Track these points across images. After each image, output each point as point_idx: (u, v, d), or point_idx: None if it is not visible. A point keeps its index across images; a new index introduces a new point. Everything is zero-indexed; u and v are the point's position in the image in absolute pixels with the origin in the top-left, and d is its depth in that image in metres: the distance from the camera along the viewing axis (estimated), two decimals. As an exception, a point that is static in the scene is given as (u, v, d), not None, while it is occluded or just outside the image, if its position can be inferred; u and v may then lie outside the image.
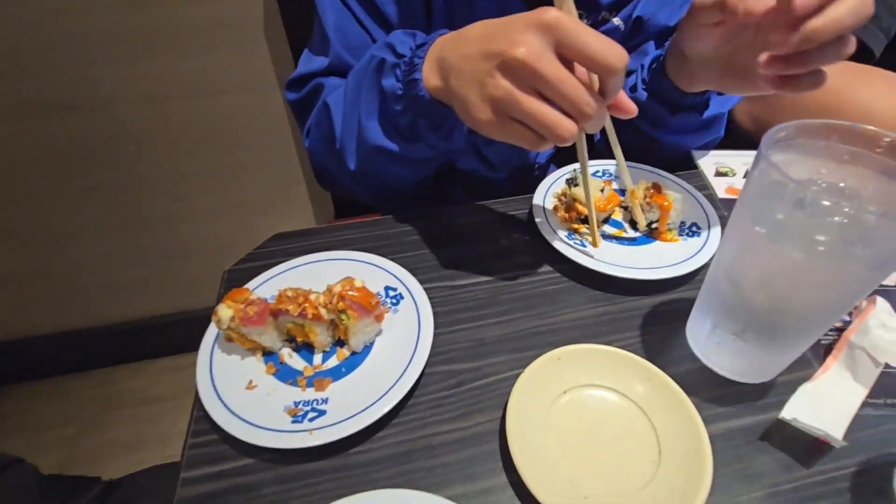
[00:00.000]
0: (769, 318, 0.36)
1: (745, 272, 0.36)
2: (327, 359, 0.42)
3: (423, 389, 0.42)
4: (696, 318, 0.43)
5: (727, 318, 0.39)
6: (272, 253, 0.54)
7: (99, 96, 1.01)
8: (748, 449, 0.37)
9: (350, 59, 0.58)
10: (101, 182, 1.13)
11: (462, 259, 0.53)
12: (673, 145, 0.62)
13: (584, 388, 0.40)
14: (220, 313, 0.39)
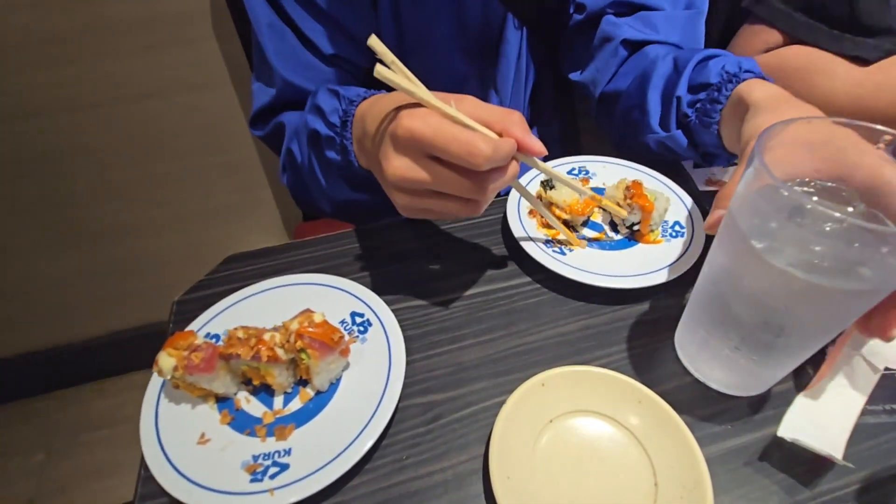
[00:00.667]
0: (763, 336, 0.33)
1: (736, 287, 0.33)
2: (289, 401, 0.38)
3: (399, 426, 0.38)
4: (685, 331, 0.41)
5: (719, 333, 0.36)
6: (224, 279, 0.49)
7: (31, 104, 0.92)
8: (747, 472, 0.35)
9: (298, 81, 0.54)
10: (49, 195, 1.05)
11: (434, 275, 0.49)
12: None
13: (571, 416, 0.37)
14: (160, 363, 0.35)
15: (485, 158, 0.32)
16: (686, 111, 0.49)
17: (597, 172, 0.56)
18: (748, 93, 0.42)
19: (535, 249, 0.47)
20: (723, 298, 0.34)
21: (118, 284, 1.25)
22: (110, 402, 1.40)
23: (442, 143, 0.32)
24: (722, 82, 0.46)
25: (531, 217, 0.51)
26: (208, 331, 0.42)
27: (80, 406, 1.38)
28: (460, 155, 0.32)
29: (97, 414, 1.38)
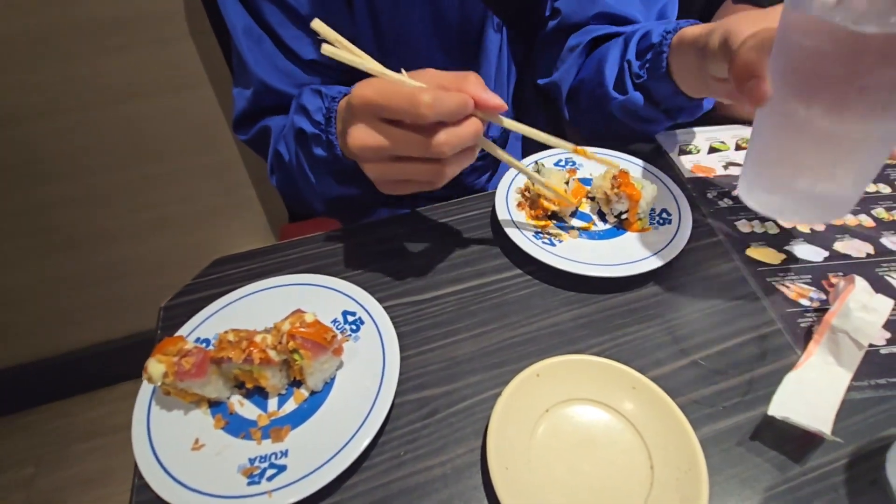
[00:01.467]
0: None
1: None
2: (283, 403, 0.38)
3: (395, 423, 0.38)
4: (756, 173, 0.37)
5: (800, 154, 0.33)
6: (212, 282, 0.48)
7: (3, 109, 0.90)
8: (740, 451, 0.35)
9: (277, 85, 0.54)
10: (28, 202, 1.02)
11: (424, 270, 0.49)
12: (652, 132, 0.59)
13: (567, 405, 0.37)
14: (149, 370, 0.34)
15: (426, 106, 0.32)
16: (637, 72, 0.51)
17: (583, 163, 0.56)
18: (690, 30, 0.45)
19: (525, 241, 0.47)
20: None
21: (104, 292, 1.23)
22: (100, 412, 1.37)
23: (386, 100, 0.33)
24: (663, 39, 0.48)
25: (520, 209, 0.51)
26: (198, 335, 0.41)
27: (69, 418, 1.36)
28: (402, 107, 0.32)
29: (87, 425, 1.35)
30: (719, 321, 0.43)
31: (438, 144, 0.34)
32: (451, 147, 0.34)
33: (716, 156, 0.59)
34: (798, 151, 0.34)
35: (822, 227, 0.50)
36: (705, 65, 0.43)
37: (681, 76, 0.48)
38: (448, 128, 0.34)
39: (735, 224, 0.51)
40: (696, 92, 0.48)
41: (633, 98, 0.53)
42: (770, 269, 0.46)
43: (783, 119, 0.33)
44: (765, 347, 0.41)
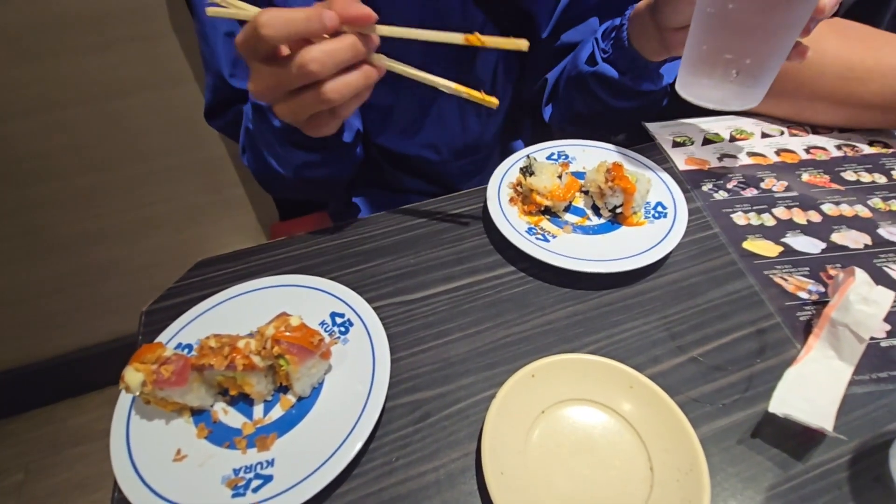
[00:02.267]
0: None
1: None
2: (270, 409, 0.36)
3: (386, 427, 0.37)
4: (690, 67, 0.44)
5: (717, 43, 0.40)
6: (195, 285, 0.47)
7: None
8: (741, 449, 0.35)
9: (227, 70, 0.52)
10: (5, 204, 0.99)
11: (414, 268, 0.48)
12: (630, 112, 0.59)
13: (563, 405, 0.36)
14: (127, 379, 0.32)
15: (262, 26, 0.31)
16: (604, 48, 0.54)
17: (576, 157, 0.55)
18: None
19: (518, 237, 0.46)
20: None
21: (87, 296, 1.20)
22: (87, 417, 1.36)
23: (243, 37, 0.33)
24: (624, 17, 0.52)
25: (512, 205, 0.50)
26: (179, 341, 0.40)
27: (58, 423, 1.34)
28: (249, 35, 0.32)
29: (75, 430, 1.33)
30: (717, 316, 0.42)
31: (302, 63, 0.32)
32: (319, 63, 0.32)
33: (710, 147, 0.58)
34: (721, 42, 0.41)
35: (819, 218, 0.49)
36: (659, 20, 0.46)
37: (640, 43, 0.50)
38: (310, 45, 0.33)
39: (731, 216, 0.50)
40: (656, 55, 0.50)
41: (602, 68, 0.54)
42: (767, 261, 0.45)
43: (710, 16, 0.40)
44: (764, 342, 0.40)
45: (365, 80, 0.35)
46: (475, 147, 0.65)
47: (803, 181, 0.53)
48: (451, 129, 0.62)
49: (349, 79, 0.34)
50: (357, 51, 0.34)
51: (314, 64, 0.32)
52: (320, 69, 0.33)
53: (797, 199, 0.51)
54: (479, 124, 0.64)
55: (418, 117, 0.60)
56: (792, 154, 0.56)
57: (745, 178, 0.54)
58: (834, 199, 0.51)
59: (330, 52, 0.33)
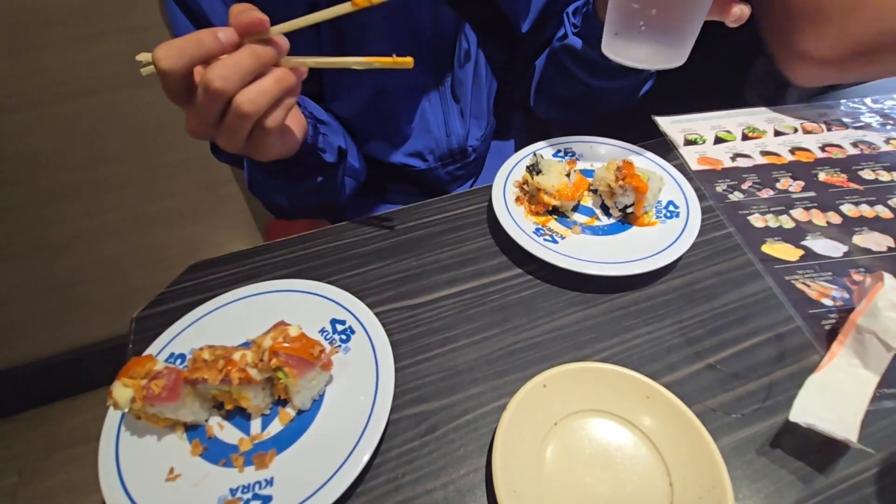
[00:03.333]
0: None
1: None
2: (268, 424, 0.34)
3: (391, 441, 0.35)
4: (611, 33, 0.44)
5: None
6: (188, 290, 0.44)
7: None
8: (762, 462, 0.33)
9: None
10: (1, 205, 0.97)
11: (417, 271, 0.46)
12: (612, 92, 0.57)
13: (577, 417, 0.35)
14: (115, 395, 0.30)
15: (159, 59, 0.31)
16: (574, 22, 0.55)
17: (583, 154, 0.53)
18: None
19: (525, 238, 0.44)
20: None
21: (80, 295, 1.18)
22: (82, 418, 1.34)
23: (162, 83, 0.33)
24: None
25: (518, 204, 0.48)
26: (172, 350, 0.38)
27: (50, 425, 1.32)
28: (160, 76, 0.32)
29: (69, 432, 1.31)
30: (734, 320, 0.41)
31: (205, 84, 0.31)
32: (221, 78, 0.31)
33: (722, 147, 0.56)
34: (643, 3, 0.41)
35: (839, 219, 0.47)
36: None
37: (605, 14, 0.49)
38: (213, 63, 0.32)
39: (748, 218, 0.48)
40: None
41: (571, 41, 0.54)
42: (788, 266, 0.44)
43: None
44: (783, 348, 0.39)
45: (278, 83, 0.34)
46: (461, 151, 0.63)
47: (820, 181, 0.51)
48: (434, 135, 0.60)
49: (260, 86, 0.33)
50: (259, 57, 0.32)
51: (217, 81, 0.31)
52: (224, 84, 0.31)
53: (815, 199, 0.49)
54: (463, 127, 0.61)
55: (400, 126, 0.58)
56: (807, 152, 0.55)
57: (761, 179, 0.52)
58: (853, 200, 0.49)
59: (230, 64, 0.31)
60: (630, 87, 0.57)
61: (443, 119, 0.60)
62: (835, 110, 0.60)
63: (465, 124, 0.61)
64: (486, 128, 0.65)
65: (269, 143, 0.37)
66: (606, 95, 0.58)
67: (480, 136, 0.64)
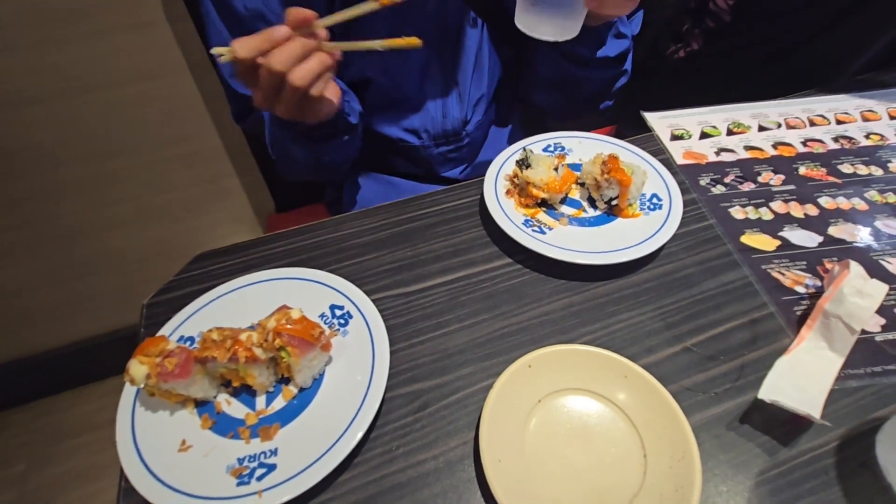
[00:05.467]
0: None
1: None
2: (272, 400, 0.37)
3: (386, 417, 0.38)
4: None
5: None
6: (195, 278, 0.47)
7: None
8: (731, 436, 0.36)
9: None
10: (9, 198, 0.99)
11: (412, 260, 0.48)
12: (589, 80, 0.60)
13: (559, 395, 0.37)
14: (131, 371, 0.33)
15: (237, 50, 0.40)
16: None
17: (573, 148, 0.55)
18: None
19: (515, 230, 0.46)
20: None
21: (85, 288, 1.20)
22: (88, 408, 1.35)
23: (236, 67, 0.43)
24: None
25: (509, 197, 0.50)
26: (182, 334, 0.40)
27: (58, 414, 1.34)
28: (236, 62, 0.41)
29: (76, 421, 1.33)
30: (711, 306, 0.43)
31: (267, 66, 0.41)
32: (278, 61, 0.41)
33: (707, 142, 0.58)
34: None
35: (817, 211, 0.49)
36: None
37: None
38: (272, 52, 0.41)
39: (728, 210, 0.50)
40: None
41: None
42: (765, 255, 0.46)
43: None
44: (756, 332, 0.41)
45: (319, 63, 0.43)
46: (455, 134, 0.65)
47: (800, 174, 0.54)
48: (431, 115, 0.63)
49: (306, 65, 0.42)
50: (305, 44, 0.41)
51: (275, 63, 0.41)
52: (280, 65, 0.41)
53: (794, 192, 0.52)
54: (459, 111, 0.64)
55: (399, 101, 0.62)
56: (789, 147, 0.57)
57: (743, 173, 0.54)
58: (831, 193, 0.51)
59: (283, 51, 0.41)
60: (604, 79, 0.61)
61: (440, 100, 0.62)
62: (819, 105, 0.62)
63: (463, 108, 0.63)
64: (484, 115, 0.67)
65: (314, 108, 0.46)
66: (584, 83, 0.61)
67: (477, 122, 0.66)
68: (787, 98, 0.64)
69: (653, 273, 0.46)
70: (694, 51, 0.78)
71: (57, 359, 1.29)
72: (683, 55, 0.80)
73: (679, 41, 0.80)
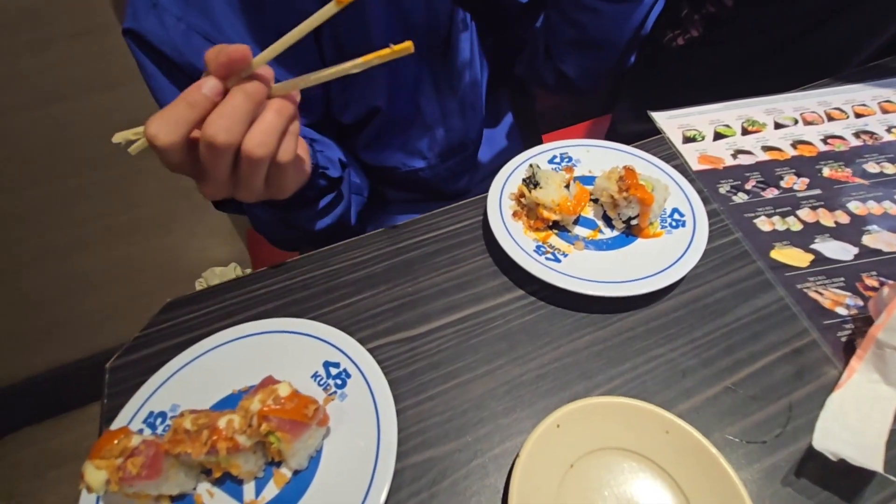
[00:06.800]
0: None
1: None
2: (263, 488, 0.32)
3: (397, 495, 0.33)
4: None
5: None
6: (165, 332, 0.41)
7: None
8: (788, 492, 0.32)
9: None
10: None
11: (412, 298, 0.43)
12: (623, 18, 0.53)
13: (594, 456, 0.33)
14: (87, 479, 0.27)
15: (154, 136, 0.29)
16: None
17: (581, 159, 0.50)
18: None
19: (526, 259, 0.41)
20: None
21: (52, 314, 1.13)
22: (69, 436, 1.30)
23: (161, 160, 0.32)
24: None
25: (516, 219, 0.45)
26: (151, 409, 0.34)
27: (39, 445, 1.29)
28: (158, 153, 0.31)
29: (57, 450, 1.28)
30: (748, 336, 0.39)
31: (209, 142, 0.30)
32: (224, 130, 0.30)
33: (722, 143, 0.53)
34: None
35: (847, 219, 0.46)
36: None
37: None
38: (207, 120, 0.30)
39: (754, 222, 0.46)
40: None
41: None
42: (799, 273, 0.42)
43: None
44: (801, 364, 0.37)
45: (279, 116, 0.32)
46: (462, 145, 0.61)
47: (825, 176, 0.49)
48: (435, 133, 0.58)
49: (262, 125, 0.31)
50: (252, 96, 0.30)
51: (220, 135, 0.29)
52: (227, 136, 0.30)
53: (821, 197, 0.48)
54: (461, 120, 0.59)
55: (404, 127, 0.56)
56: (809, 146, 0.53)
57: (764, 177, 0.50)
58: (860, 196, 0.47)
59: (226, 114, 0.30)
60: (644, 7, 0.53)
61: (440, 113, 0.57)
62: (835, 97, 0.58)
63: (464, 117, 0.58)
64: (482, 118, 0.62)
65: (287, 178, 0.36)
66: (618, 23, 0.53)
67: (477, 128, 0.61)
68: (799, 90, 0.60)
69: (680, 300, 0.41)
70: (693, 38, 0.73)
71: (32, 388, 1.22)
72: (682, 42, 0.75)
73: (677, 28, 0.75)
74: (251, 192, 0.34)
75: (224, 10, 0.41)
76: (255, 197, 0.36)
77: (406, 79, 0.52)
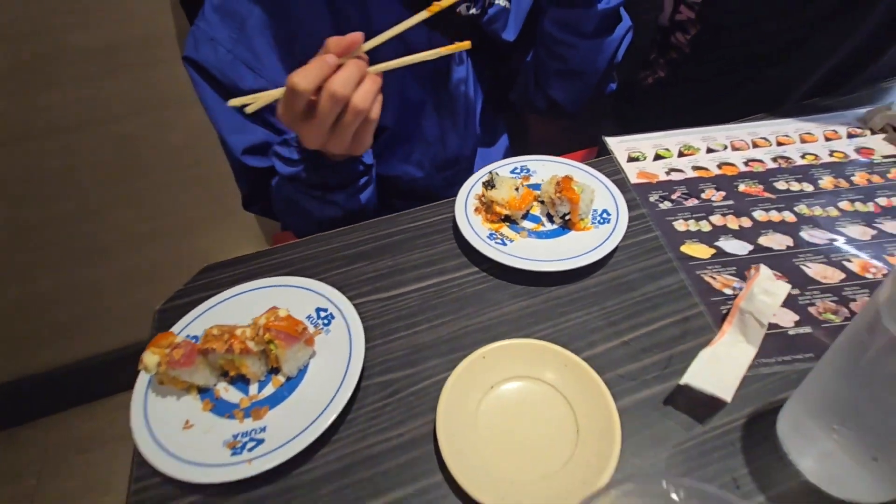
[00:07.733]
0: None
1: None
2: (263, 388, 0.43)
3: (361, 402, 0.44)
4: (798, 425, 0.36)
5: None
6: (202, 286, 0.54)
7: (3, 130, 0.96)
8: (654, 415, 0.41)
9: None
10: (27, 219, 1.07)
11: (391, 269, 0.55)
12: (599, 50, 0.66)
13: (509, 381, 0.43)
14: (145, 360, 0.40)
15: (297, 83, 0.42)
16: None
17: (536, 170, 0.62)
18: None
19: (480, 242, 0.53)
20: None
21: (99, 304, 1.26)
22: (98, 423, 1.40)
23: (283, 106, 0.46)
24: None
25: (477, 214, 0.57)
26: (188, 333, 0.47)
27: (69, 430, 1.39)
28: (288, 99, 0.44)
29: (86, 436, 1.38)
30: (649, 307, 0.49)
31: (331, 91, 0.43)
32: (342, 85, 0.42)
33: (660, 163, 0.65)
34: None
35: (750, 223, 0.56)
36: None
37: None
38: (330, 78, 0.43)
39: (672, 223, 0.56)
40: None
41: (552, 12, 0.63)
42: (700, 262, 0.52)
43: None
44: (686, 328, 0.47)
45: (374, 84, 0.45)
46: (455, 160, 0.73)
47: (740, 191, 0.60)
48: (433, 146, 0.70)
49: (366, 87, 0.44)
50: (360, 66, 0.44)
51: (340, 88, 0.42)
52: (345, 89, 0.43)
53: (732, 207, 0.58)
54: (457, 139, 0.71)
55: (409, 139, 0.69)
56: (732, 167, 0.63)
57: (689, 190, 0.60)
58: (765, 207, 0.57)
59: (345, 76, 0.43)
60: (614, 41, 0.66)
61: (439, 132, 0.69)
62: (763, 129, 0.69)
63: (459, 136, 0.71)
64: (474, 136, 0.74)
65: (369, 134, 0.48)
66: (594, 54, 0.67)
67: (472, 145, 0.74)
68: (737, 122, 0.71)
69: (600, 279, 0.52)
70: (661, 78, 0.86)
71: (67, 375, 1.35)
72: (652, 81, 0.87)
73: (647, 69, 0.88)
74: (342, 141, 0.46)
75: (264, 47, 0.57)
76: (343, 148, 0.48)
77: (413, 101, 0.65)
